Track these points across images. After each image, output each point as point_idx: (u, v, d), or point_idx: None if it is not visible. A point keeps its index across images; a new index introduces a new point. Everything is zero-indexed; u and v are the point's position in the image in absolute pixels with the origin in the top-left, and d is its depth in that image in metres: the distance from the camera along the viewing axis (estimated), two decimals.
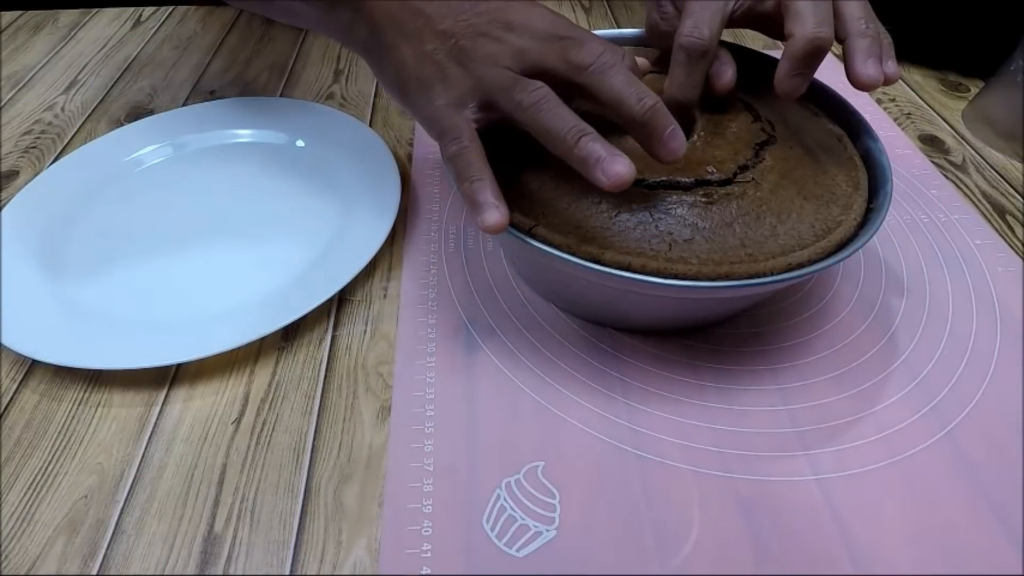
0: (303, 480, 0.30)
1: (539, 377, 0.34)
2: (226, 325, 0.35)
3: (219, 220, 0.42)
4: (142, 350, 0.33)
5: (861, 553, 0.28)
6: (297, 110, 0.51)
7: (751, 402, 0.33)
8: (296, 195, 0.44)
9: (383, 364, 0.35)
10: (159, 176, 0.46)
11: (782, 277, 0.29)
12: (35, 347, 0.33)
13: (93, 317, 0.36)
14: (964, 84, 0.57)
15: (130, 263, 0.40)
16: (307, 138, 0.48)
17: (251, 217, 0.43)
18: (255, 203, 0.44)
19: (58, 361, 0.33)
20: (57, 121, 0.53)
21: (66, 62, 0.60)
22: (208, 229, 0.42)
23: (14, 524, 0.29)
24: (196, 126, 0.49)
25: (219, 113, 0.50)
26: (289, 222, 0.42)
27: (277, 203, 0.44)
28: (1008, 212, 0.45)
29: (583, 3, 0.71)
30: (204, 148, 0.48)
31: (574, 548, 0.28)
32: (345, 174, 0.45)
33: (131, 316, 0.36)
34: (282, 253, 0.40)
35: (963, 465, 0.31)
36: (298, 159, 0.47)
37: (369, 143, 0.46)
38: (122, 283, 0.38)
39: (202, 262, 0.40)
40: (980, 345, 0.36)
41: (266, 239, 0.41)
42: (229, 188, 0.45)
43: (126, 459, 0.31)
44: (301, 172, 0.46)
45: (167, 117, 0.50)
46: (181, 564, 0.28)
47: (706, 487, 0.30)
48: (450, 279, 0.39)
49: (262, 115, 0.50)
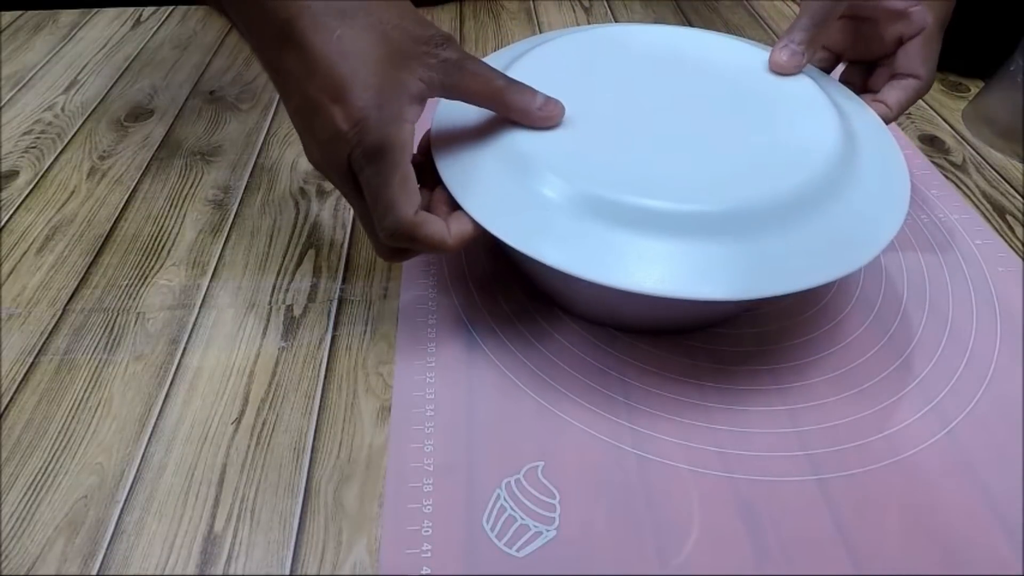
0: (303, 480, 0.30)
1: (539, 377, 0.34)
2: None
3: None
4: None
5: (861, 553, 0.28)
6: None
7: (751, 402, 0.33)
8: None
9: (383, 364, 0.35)
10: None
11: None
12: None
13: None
14: (964, 84, 0.57)
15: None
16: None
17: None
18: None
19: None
20: (57, 121, 0.53)
21: (66, 62, 0.60)
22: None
23: (14, 524, 0.29)
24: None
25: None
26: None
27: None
28: (1008, 212, 0.45)
29: (583, 3, 0.72)
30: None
31: (574, 548, 0.28)
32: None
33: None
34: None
35: (963, 465, 0.31)
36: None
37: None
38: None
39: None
40: (980, 345, 0.36)
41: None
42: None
43: (126, 459, 0.31)
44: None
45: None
46: (181, 564, 0.28)
47: (706, 487, 0.30)
48: (450, 279, 0.39)
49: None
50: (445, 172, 0.33)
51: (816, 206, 0.31)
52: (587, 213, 0.30)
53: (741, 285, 0.29)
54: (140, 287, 0.39)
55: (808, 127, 0.34)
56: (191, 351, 0.36)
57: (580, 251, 0.29)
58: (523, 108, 0.32)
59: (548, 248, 0.29)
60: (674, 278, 0.29)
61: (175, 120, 0.53)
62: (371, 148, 0.28)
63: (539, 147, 0.32)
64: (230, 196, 0.46)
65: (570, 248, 0.29)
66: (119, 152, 0.50)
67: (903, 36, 0.37)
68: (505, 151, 0.32)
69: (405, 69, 0.29)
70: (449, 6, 0.70)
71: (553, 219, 0.30)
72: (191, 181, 0.47)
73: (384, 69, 0.28)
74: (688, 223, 0.29)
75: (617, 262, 0.29)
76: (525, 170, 0.31)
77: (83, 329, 0.37)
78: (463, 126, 0.34)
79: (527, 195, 0.31)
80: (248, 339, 0.36)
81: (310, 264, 0.41)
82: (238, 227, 0.44)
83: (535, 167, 0.31)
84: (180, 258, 0.41)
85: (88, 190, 0.46)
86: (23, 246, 0.42)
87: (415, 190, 0.30)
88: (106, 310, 0.38)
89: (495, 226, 0.30)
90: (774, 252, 0.29)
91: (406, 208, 0.29)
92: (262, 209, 0.45)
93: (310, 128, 0.29)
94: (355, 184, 0.29)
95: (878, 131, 0.36)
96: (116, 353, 0.36)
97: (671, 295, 0.28)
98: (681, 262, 0.29)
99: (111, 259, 0.41)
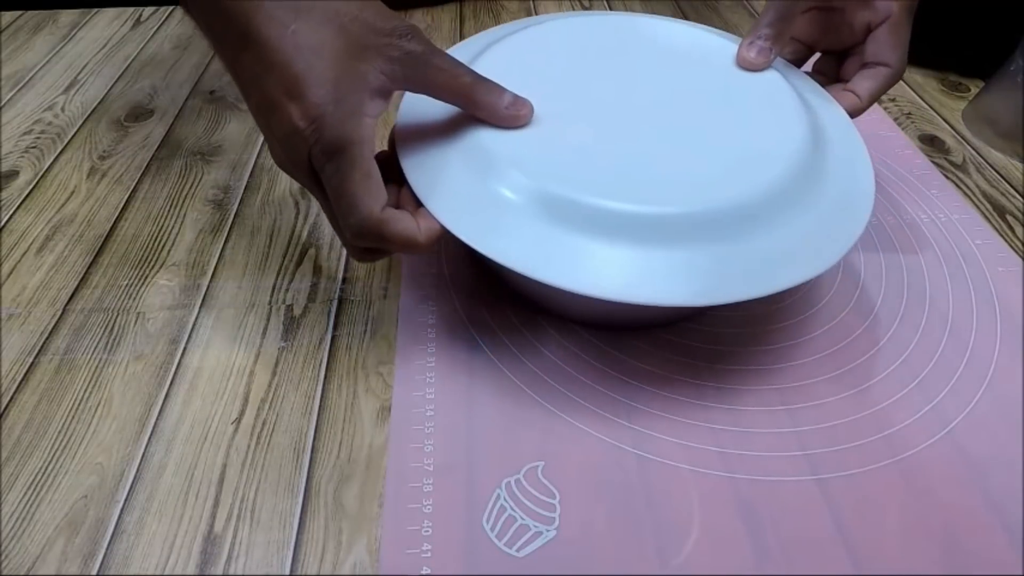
0: (303, 480, 0.30)
1: (539, 377, 0.34)
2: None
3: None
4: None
5: (861, 553, 0.28)
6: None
7: (751, 402, 0.33)
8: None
9: (383, 364, 0.35)
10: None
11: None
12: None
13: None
14: (964, 84, 0.57)
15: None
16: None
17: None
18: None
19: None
20: (57, 121, 0.53)
21: (66, 62, 0.60)
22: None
23: (14, 524, 0.29)
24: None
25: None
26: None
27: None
28: (1008, 212, 0.45)
29: (583, 3, 0.72)
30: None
31: (574, 548, 0.28)
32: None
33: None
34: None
35: (963, 465, 0.31)
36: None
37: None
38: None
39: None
40: (980, 345, 0.36)
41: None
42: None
43: (126, 459, 0.31)
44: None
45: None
46: (181, 564, 0.28)
47: (706, 487, 0.30)
48: (450, 279, 0.39)
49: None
50: (408, 169, 0.32)
51: (780, 209, 0.31)
52: (549, 213, 0.30)
53: (697, 289, 0.29)
54: (140, 287, 0.39)
55: (775, 127, 0.34)
56: (191, 351, 0.36)
57: (540, 251, 0.29)
58: (490, 106, 0.32)
59: (508, 248, 0.29)
60: (629, 282, 0.29)
61: (175, 120, 0.53)
62: (329, 145, 0.27)
63: (505, 145, 0.32)
64: (230, 196, 0.46)
65: (530, 248, 0.29)
66: (119, 152, 0.50)
67: (871, 24, 0.37)
68: (470, 148, 0.32)
69: (364, 61, 0.28)
70: (449, 6, 0.70)
71: (515, 219, 0.30)
72: (191, 181, 0.47)
73: (341, 62, 0.27)
74: (648, 225, 0.29)
75: (576, 264, 0.29)
76: (490, 168, 0.31)
77: (83, 329, 0.37)
78: (428, 121, 0.33)
79: (491, 194, 0.31)
80: (248, 339, 0.36)
81: (310, 264, 0.41)
82: (238, 227, 0.44)
83: (500, 165, 0.31)
84: (180, 258, 0.41)
85: (88, 190, 0.46)
86: (23, 246, 0.42)
87: (379, 186, 0.29)
88: (106, 310, 0.38)
89: (457, 225, 0.30)
90: (735, 256, 0.29)
91: (370, 205, 0.28)
92: (262, 209, 0.45)
93: (269, 127, 0.29)
94: (319, 182, 0.29)
95: (845, 128, 0.36)
96: (116, 353, 0.36)
97: (621, 299, 0.28)
98: (638, 265, 0.29)
99: (111, 259, 0.41)
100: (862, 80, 0.38)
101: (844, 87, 0.38)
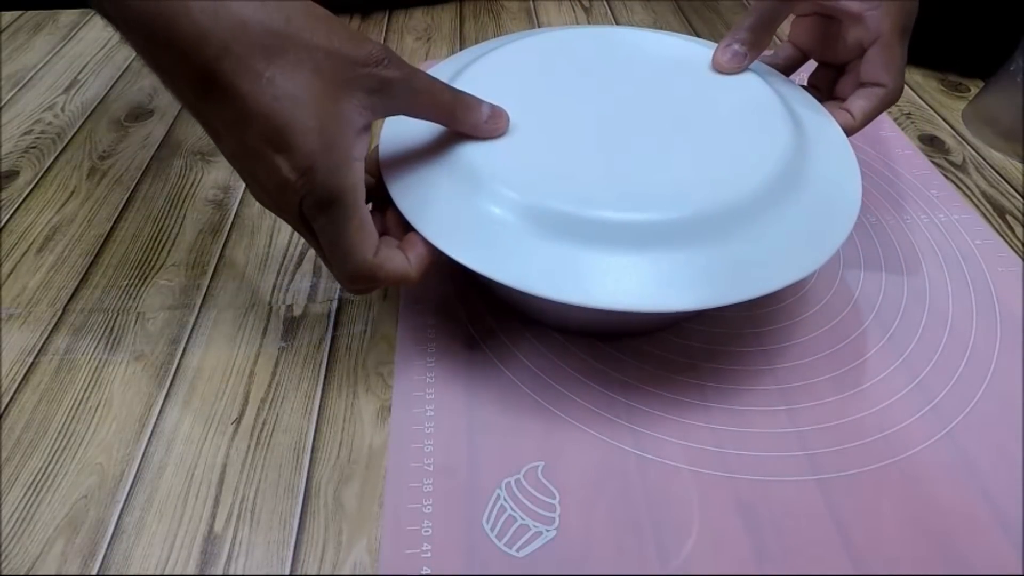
0: (303, 480, 0.30)
1: (539, 377, 0.34)
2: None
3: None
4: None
5: (861, 553, 0.28)
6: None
7: (751, 402, 0.33)
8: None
9: (383, 364, 0.35)
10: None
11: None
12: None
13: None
14: (964, 84, 0.57)
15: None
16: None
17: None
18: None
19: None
20: (57, 121, 0.53)
21: (66, 62, 0.60)
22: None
23: (14, 524, 0.29)
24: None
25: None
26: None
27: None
28: (1008, 212, 0.45)
29: (583, 3, 0.72)
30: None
31: (574, 548, 0.28)
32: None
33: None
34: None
35: (963, 465, 0.31)
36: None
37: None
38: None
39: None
40: (980, 345, 0.36)
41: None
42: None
43: (126, 459, 0.31)
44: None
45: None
46: (181, 564, 0.28)
47: (706, 487, 0.30)
48: (450, 279, 0.39)
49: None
50: (397, 194, 0.32)
51: (766, 211, 0.31)
52: (539, 226, 0.30)
53: (696, 294, 0.29)
54: (140, 287, 0.39)
55: (758, 132, 0.34)
56: (191, 351, 0.36)
57: (534, 266, 0.29)
58: (472, 122, 0.32)
59: (505, 265, 0.29)
60: (625, 290, 0.28)
61: (175, 120, 0.53)
62: (322, 197, 0.27)
63: (491, 161, 0.31)
64: (230, 196, 0.46)
65: (525, 263, 0.29)
66: (119, 152, 0.50)
67: (863, 42, 0.37)
68: (456, 167, 0.32)
69: (344, 100, 0.27)
70: (449, 6, 0.70)
71: (507, 234, 0.30)
72: (191, 181, 0.47)
73: (323, 107, 0.26)
74: (638, 233, 0.29)
75: (570, 277, 0.29)
76: (478, 186, 0.31)
77: (83, 329, 0.37)
78: (410, 142, 0.33)
79: (481, 212, 0.30)
80: (248, 339, 0.36)
81: (310, 264, 0.41)
82: (238, 227, 0.44)
83: (487, 182, 0.31)
84: (180, 258, 0.41)
85: (88, 190, 0.46)
86: (23, 246, 0.42)
87: (372, 231, 0.29)
88: (106, 310, 0.38)
89: (452, 247, 0.30)
90: (726, 259, 0.29)
91: (364, 253, 0.28)
92: (262, 209, 0.45)
93: (253, 175, 0.28)
94: (309, 228, 0.28)
95: (830, 132, 0.36)
96: (116, 353, 0.36)
97: (620, 308, 0.28)
98: (630, 273, 0.29)
99: (111, 259, 0.41)
100: (857, 99, 0.38)
101: (839, 105, 0.38)
